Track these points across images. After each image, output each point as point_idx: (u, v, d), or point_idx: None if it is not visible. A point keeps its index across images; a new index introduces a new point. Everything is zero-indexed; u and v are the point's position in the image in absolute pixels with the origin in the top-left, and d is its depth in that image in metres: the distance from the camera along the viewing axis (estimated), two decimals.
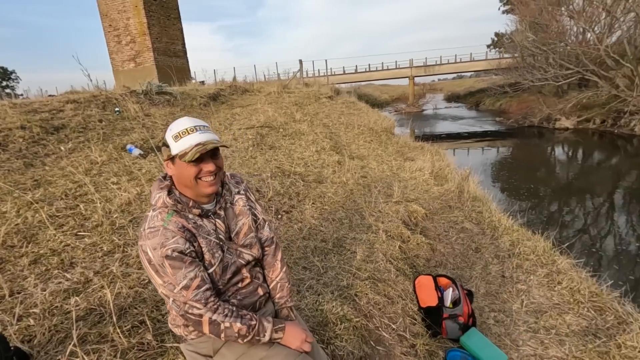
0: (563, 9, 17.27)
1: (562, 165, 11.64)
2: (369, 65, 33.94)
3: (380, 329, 2.04)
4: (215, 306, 1.10)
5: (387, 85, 49.53)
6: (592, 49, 15.06)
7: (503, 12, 31.37)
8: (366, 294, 2.20)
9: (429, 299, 2.28)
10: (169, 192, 1.14)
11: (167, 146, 1.11)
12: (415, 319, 2.26)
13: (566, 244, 3.35)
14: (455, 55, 34.82)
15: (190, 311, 1.08)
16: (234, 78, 11.59)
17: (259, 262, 1.38)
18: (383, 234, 2.96)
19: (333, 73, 33.38)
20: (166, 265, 1.05)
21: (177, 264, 1.06)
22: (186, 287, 1.06)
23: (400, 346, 1.99)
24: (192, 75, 16.47)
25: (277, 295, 1.37)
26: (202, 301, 1.08)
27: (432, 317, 2.23)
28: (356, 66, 33.89)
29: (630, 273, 4.35)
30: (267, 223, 1.41)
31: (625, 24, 15.31)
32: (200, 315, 1.08)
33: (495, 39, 33.99)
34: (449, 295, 2.32)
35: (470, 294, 2.53)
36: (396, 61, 36.81)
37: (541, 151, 13.68)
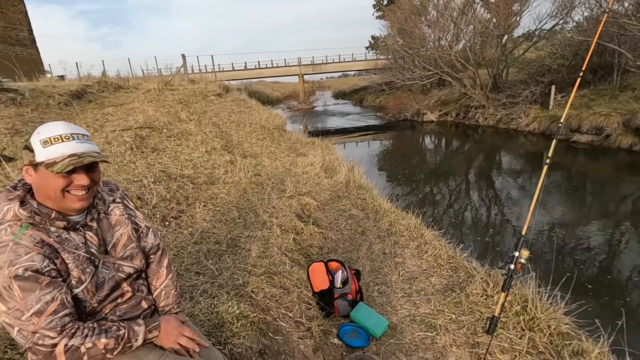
0: (423, 18, 20.13)
1: (430, 152, 13.65)
2: (259, 62, 33.78)
3: (278, 319, 2.13)
4: (72, 331, 0.96)
5: (278, 82, 50.06)
6: (446, 54, 17.94)
7: (377, 18, 34.80)
8: (263, 288, 2.26)
9: (321, 283, 2.47)
10: (22, 203, 0.98)
11: (31, 150, 0.96)
12: (311, 304, 2.41)
13: (431, 219, 4.00)
14: (339, 55, 37.39)
15: (40, 342, 0.92)
16: (104, 73, 10.14)
17: (142, 274, 1.30)
18: (277, 229, 3.05)
19: (221, 69, 32.14)
20: (14, 288, 0.90)
21: (30, 286, 0.91)
22: (38, 313, 0.92)
23: (297, 332, 2.11)
24: (47, 68, 13.85)
25: (162, 304, 1.32)
26: (58, 328, 0.94)
27: (325, 299, 2.42)
28: (245, 63, 33.30)
29: (477, 235, 5.42)
30: (150, 230, 1.34)
31: (467, 35, 18.75)
32: (54, 345, 0.93)
33: (372, 41, 37.51)
34: (339, 277, 2.55)
35: (357, 273, 2.82)
36: (285, 59, 37.63)
37: (414, 141, 15.78)
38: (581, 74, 1.95)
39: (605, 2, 11.60)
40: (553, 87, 13.56)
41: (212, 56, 33.63)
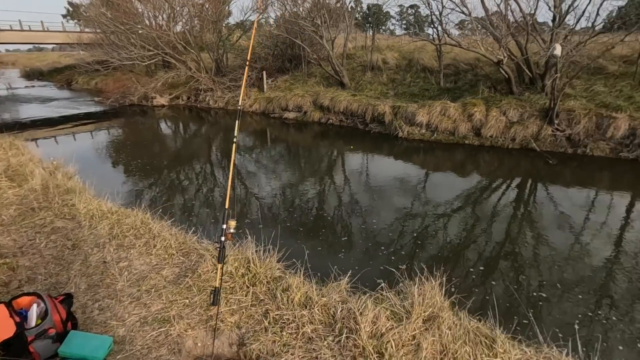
0: None
1: (167, 138, 13.02)
2: None
3: None
4: None
5: None
6: (165, 35, 17.12)
7: None
8: None
9: (3, 332, 1.85)
10: None
11: None
12: None
13: (161, 209, 3.82)
14: (20, 21, 27.92)
15: None
16: None
17: None
18: None
19: None
20: None
21: None
22: None
23: None
24: None
25: None
26: None
27: (14, 349, 1.85)
28: None
29: (208, 215, 5.71)
30: None
31: (184, 17, 18.55)
32: None
33: (71, 9, 30.44)
34: (34, 313, 2.00)
35: (68, 298, 2.32)
36: None
37: (147, 128, 14.50)
38: (247, 63, 2.32)
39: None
40: (264, 73, 15.88)
41: None
